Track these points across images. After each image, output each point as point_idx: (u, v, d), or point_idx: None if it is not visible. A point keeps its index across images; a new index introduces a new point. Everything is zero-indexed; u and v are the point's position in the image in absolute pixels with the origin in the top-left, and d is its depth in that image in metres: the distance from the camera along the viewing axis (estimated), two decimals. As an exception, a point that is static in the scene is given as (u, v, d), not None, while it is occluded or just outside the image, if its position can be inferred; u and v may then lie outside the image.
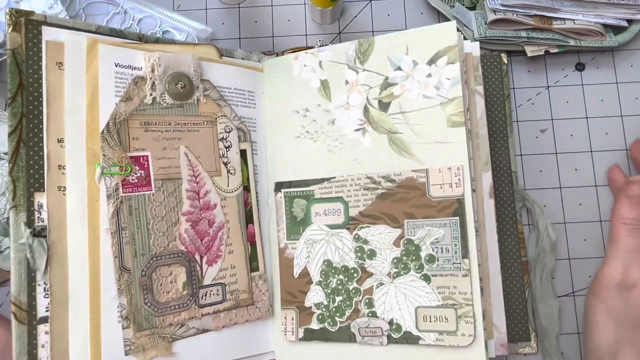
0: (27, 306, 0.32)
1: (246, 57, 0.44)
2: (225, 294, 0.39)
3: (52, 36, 0.35)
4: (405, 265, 0.37)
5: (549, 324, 0.43)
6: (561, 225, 0.46)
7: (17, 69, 0.34)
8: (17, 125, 0.33)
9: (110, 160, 0.35)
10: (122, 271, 0.34)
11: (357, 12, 0.51)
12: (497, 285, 0.40)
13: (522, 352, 0.43)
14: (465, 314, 0.35)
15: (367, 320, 0.38)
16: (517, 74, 0.49)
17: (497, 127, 0.45)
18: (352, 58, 0.41)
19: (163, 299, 0.36)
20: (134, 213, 0.35)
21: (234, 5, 0.51)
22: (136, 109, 0.37)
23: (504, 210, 0.44)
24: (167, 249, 0.36)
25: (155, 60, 0.37)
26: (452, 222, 0.36)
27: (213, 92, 0.40)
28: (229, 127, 0.41)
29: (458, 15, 0.48)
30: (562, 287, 0.45)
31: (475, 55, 0.41)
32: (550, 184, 0.47)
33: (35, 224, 0.33)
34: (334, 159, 0.40)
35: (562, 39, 0.47)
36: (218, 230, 0.39)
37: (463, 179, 0.36)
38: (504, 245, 0.44)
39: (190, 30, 0.48)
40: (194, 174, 0.38)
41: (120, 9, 0.48)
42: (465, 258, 0.36)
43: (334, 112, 0.41)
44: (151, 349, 0.35)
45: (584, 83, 0.49)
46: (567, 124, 0.48)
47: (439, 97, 0.37)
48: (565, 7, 0.46)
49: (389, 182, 0.38)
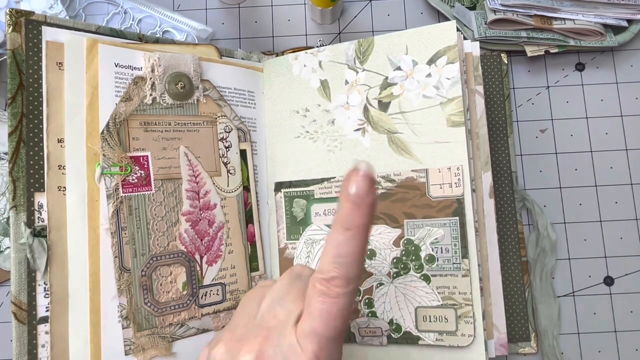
0: (27, 306, 0.32)
1: (246, 57, 0.44)
2: (225, 293, 0.39)
3: (52, 36, 0.35)
4: (405, 265, 0.37)
5: (549, 324, 0.43)
6: (561, 225, 0.46)
7: (17, 69, 0.34)
8: (17, 125, 0.33)
9: (110, 160, 0.35)
10: (122, 271, 0.34)
11: (357, 12, 0.51)
12: (497, 285, 0.40)
13: (522, 352, 0.43)
14: (465, 314, 0.35)
15: (366, 320, 0.38)
16: (517, 74, 0.49)
17: (497, 127, 0.45)
18: (352, 58, 0.41)
19: (163, 299, 0.36)
20: (134, 213, 0.35)
21: (234, 5, 0.51)
22: (136, 109, 0.37)
23: (504, 210, 0.44)
24: (167, 249, 0.36)
25: (155, 60, 0.37)
26: (451, 222, 0.36)
27: (213, 92, 0.40)
28: (229, 127, 0.41)
29: (458, 15, 0.48)
30: (562, 287, 0.45)
31: (475, 55, 0.41)
32: (550, 184, 0.47)
33: (35, 224, 0.33)
34: (334, 159, 0.40)
35: (562, 39, 0.47)
36: (218, 230, 0.39)
37: (463, 179, 0.36)
38: (504, 245, 0.44)
39: (190, 30, 0.48)
40: (194, 174, 0.38)
41: (120, 9, 0.48)
42: (465, 258, 0.36)
43: (334, 112, 0.41)
44: (151, 349, 0.35)
45: (584, 83, 0.48)
46: (567, 124, 0.48)
47: (438, 97, 0.37)
48: (565, 7, 0.46)
49: (388, 182, 0.38)
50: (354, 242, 0.23)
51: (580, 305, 0.45)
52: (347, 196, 0.22)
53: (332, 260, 0.23)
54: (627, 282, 0.45)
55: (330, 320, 0.23)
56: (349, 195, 0.22)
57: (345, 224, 0.23)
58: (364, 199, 0.22)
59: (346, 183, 0.22)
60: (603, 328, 0.45)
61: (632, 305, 0.45)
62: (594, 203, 0.47)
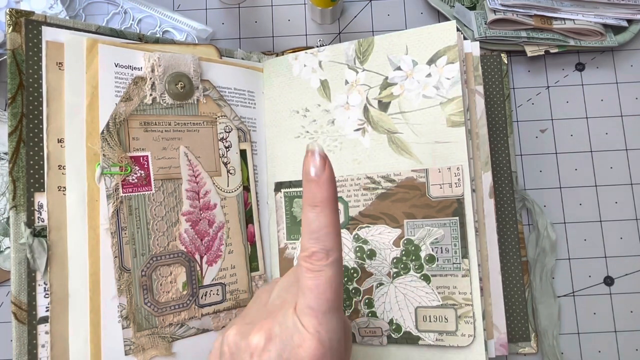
0: (27, 306, 0.32)
1: (246, 57, 0.44)
2: (225, 293, 0.39)
3: (52, 36, 0.35)
4: (405, 265, 0.37)
5: (549, 324, 0.43)
6: (561, 225, 0.46)
7: (17, 69, 0.34)
8: (17, 125, 0.33)
9: (110, 160, 0.35)
10: (122, 271, 0.34)
11: (357, 12, 0.51)
12: (497, 285, 0.40)
13: (522, 352, 0.43)
14: (465, 314, 0.35)
15: (366, 320, 0.38)
16: (517, 74, 0.49)
17: (497, 127, 0.45)
18: (352, 58, 0.41)
19: (163, 298, 0.36)
20: (134, 213, 0.35)
21: (234, 5, 0.51)
22: (136, 109, 0.37)
23: (504, 210, 0.44)
24: (167, 249, 0.36)
25: (155, 60, 0.37)
26: (451, 222, 0.36)
27: (213, 92, 0.40)
28: (229, 127, 0.41)
29: (458, 15, 0.48)
30: (562, 287, 0.45)
31: (475, 55, 0.41)
32: (550, 184, 0.47)
33: (35, 224, 0.33)
34: (334, 159, 0.40)
35: (562, 39, 0.47)
36: (218, 230, 0.39)
37: (463, 179, 0.36)
38: (504, 245, 0.44)
39: (190, 30, 0.48)
40: (193, 174, 0.38)
41: (120, 9, 0.48)
42: (465, 258, 0.36)
43: (334, 112, 0.41)
44: (151, 349, 0.35)
45: (584, 83, 0.48)
46: (567, 124, 0.48)
47: (438, 97, 0.37)
48: (565, 7, 0.46)
49: (388, 182, 0.38)
50: (323, 216, 0.25)
51: (580, 305, 0.45)
52: (307, 178, 0.25)
53: (308, 237, 0.25)
54: (627, 282, 0.45)
55: (320, 294, 0.24)
56: (308, 176, 0.25)
57: (311, 202, 0.25)
58: (321, 176, 0.25)
59: (305, 167, 0.25)
60: (603, 328, 0.45)
61: (632, 305, 0.45)
62: (594, 203, 0.47)
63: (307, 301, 0.25)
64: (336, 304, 0.25)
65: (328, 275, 0.25)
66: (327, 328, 0.25)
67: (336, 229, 0.25)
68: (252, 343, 0.25)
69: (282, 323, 0.25)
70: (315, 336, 0.24)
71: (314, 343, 0.24)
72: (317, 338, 0.24)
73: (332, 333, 0.25)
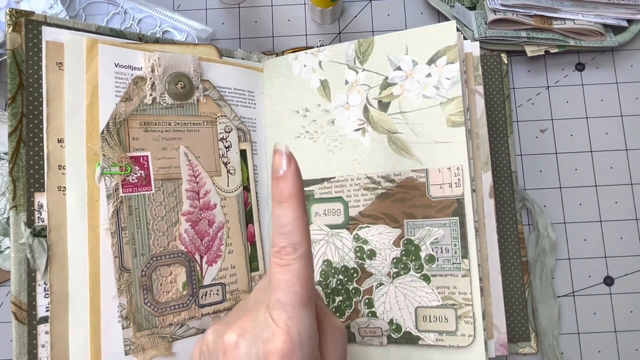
0: (27, 306, 0.32)
1: (246, 57, 0.44)
2: (225, 293, 0.39)
3: (52, 36, 0.35)
4: (405, 265, 0.37)
5: (549, 324, 0.43)
6: (561, 225, 0.46)
7: (17, 69, 0.34)
8: (17, 125, 0.33)
9: (110, 160, 0.35)
10: (122, 271, 0.34)
11: (357, 12, 0.51)
12: (497, 285, 0.40)
13: (522, 352, 0.43)
14: (465, 314, 0.35)
15: (366, 321, 0.38)
16: (517, 74, 0.49)
17: (497, 127, 0.45)
18: (352, 58, 0.41)
19: (163, 298, 0.36)
20: (134, 213, 0.35)
21: (234, 5, 0.51)
22: (136, 109, 0.37)
23: (504, 210, 0.44)
24: (167, 249, 0.36)
25: (155, 60, 0.37)
26: (451, 222, 0.36)
27: (213, 92, 0.40)
28: (229, 127, 0.41)
29: (458, 15, 0.48)
30: (562, 287, 0.45)
31: (475, 55, 0.41)
32: (550, 184, 0.47)
33: (35, 224, 0.33)
34: (334, 159, 0.40)
35: (562, 39, 0.47)
36: (218, 230, 0.39)
37: (463, 179, 0.36)
38: (504, 245, 0.44)
39: (190, 30, 0.48)
40: (193, 174, 0.38)
41: (120, 9, 0.48)
42: (465, 258, 0.36)
43: (334, 112, 0.41)
44: (151, 349, 0.35)
45: (584, 83, 0.48)
46: (567, 124, 0.48)
47: (438, 97, 0.37)
48: (565, 7, 0.46)
49: (388, 182, 0.38)
50: (290, 211, 0.25)
51: (580, 305, 0.45)
52: (275, 176, 0.26)
53: (277, 233, 0.26)
54: (627, 282, 0.45)
55: (289, 287, 0.25)
56: (276, 174, 0.26)
57: (278, 198, 0.26)
58: (287, 172, 0.25)
59: (273, 166, 0.26)
60: (603, 328, 0.45)
61: (632, 305, 0.45)
62: (594, 203, 0.47)
63: (277, 296, 0.25)
64: (306, 298, 0.25)
65: (296, 268, 0.25)
66: (297, 322, 0.24)
67: (303, 223, 0.25)
68: (225, 341, 0.25)
69: (254, 319, 0.25)
70: (284, 330, 0.24)
71: (282, 337, 0.24)
72: (285, 332, 0.24)
73: (301, 327, 0.24)
